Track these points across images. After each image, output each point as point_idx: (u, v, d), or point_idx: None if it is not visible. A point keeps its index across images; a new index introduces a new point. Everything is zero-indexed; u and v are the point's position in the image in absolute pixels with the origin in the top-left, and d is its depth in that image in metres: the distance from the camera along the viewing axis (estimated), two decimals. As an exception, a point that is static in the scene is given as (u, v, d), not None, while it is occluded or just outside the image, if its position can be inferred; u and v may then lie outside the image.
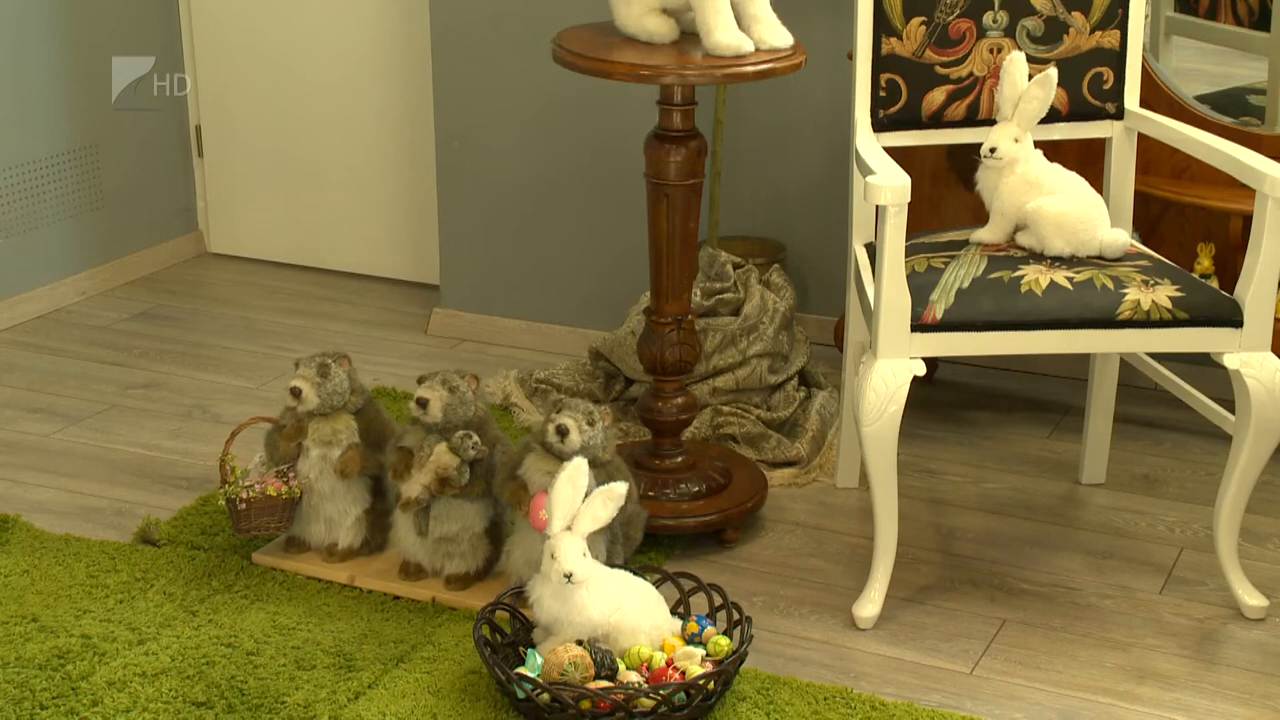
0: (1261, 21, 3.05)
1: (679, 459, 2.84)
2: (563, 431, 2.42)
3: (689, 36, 2.60)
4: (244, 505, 2.60)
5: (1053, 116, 2.66)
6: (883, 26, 2.69)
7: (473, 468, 2.53)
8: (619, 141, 3.42)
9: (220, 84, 4.12)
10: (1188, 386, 2.70)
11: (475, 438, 2.52)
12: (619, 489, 2.31)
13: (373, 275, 4.11)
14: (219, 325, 3.82)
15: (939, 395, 3.38)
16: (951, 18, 2.69)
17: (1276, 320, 2.82)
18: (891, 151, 2.59)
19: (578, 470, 2.29)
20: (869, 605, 2.53)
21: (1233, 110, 3.08)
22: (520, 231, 3.67)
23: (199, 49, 4.11)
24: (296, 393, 2.58)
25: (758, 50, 2.55)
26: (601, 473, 2.41)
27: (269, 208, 4.18)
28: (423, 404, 2.52)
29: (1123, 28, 2.70)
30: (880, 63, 2.70)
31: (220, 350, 3.67)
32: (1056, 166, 2.59)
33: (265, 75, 4.06)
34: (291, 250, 4.19)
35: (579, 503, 2.29)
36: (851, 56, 2.73)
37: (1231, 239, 2.94)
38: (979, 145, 2.60)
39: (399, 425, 2.68)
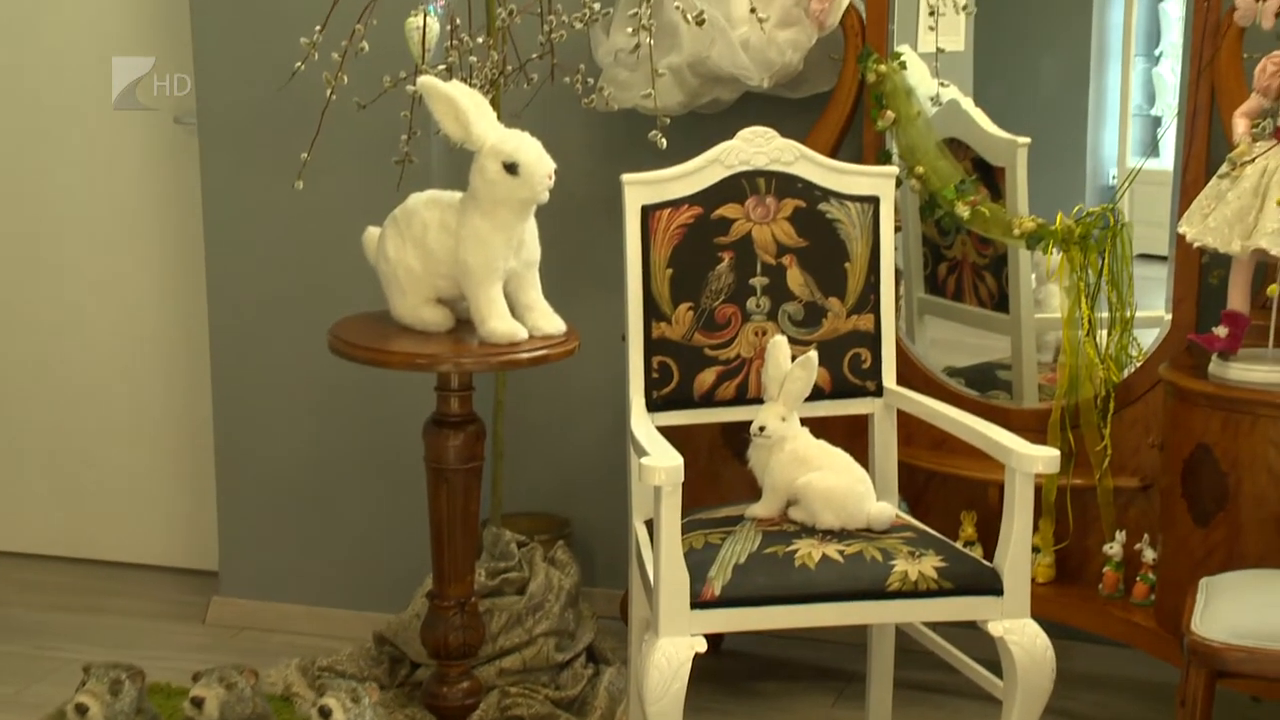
0: (1002, 304, 3.28)
1: (465, 746, 2.78)
2: (326, 713, 2.37)
3: (465, 323, 2.67)
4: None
5: (817, 394, 2.78)
6: (653, 312, 2.80)
7: (250, 765, 2.44)
8: (399, 424, 3.43)
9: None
10: (958, 653, 2.78)
11: (250, 734, 2.44)
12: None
13: (147, 564, 3.97)
14: (-23, 625, 3.63)
15: (726, 666, 3.39)
16: (717, 303, 2.83)
17: (1036, 584, 2.95)
18: (668, 429, 2.67)
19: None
20: None
21: (983, 384, 3.27)
22: (302, 515, 3.62)
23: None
24: (83, 710, 2.46)
25: (532, 337, 2.62)
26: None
27: (33, 499, 4.02)
28: (198, 703, 2.44)
29: (876, 312, 2.87)
30: (652, 346, 2.81)
31: (-22, 652, 3.48)
32: (822, 443, 2.70)
33: (27, 361, 3.97)
34: (59, 542, 4.02)
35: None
36: (625, 338, 2.83)
37: (991, 506, 3.08)
38: (750, 422, 2.70)
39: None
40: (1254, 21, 2.69)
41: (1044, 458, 2.48)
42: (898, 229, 3.06)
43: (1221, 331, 2.70)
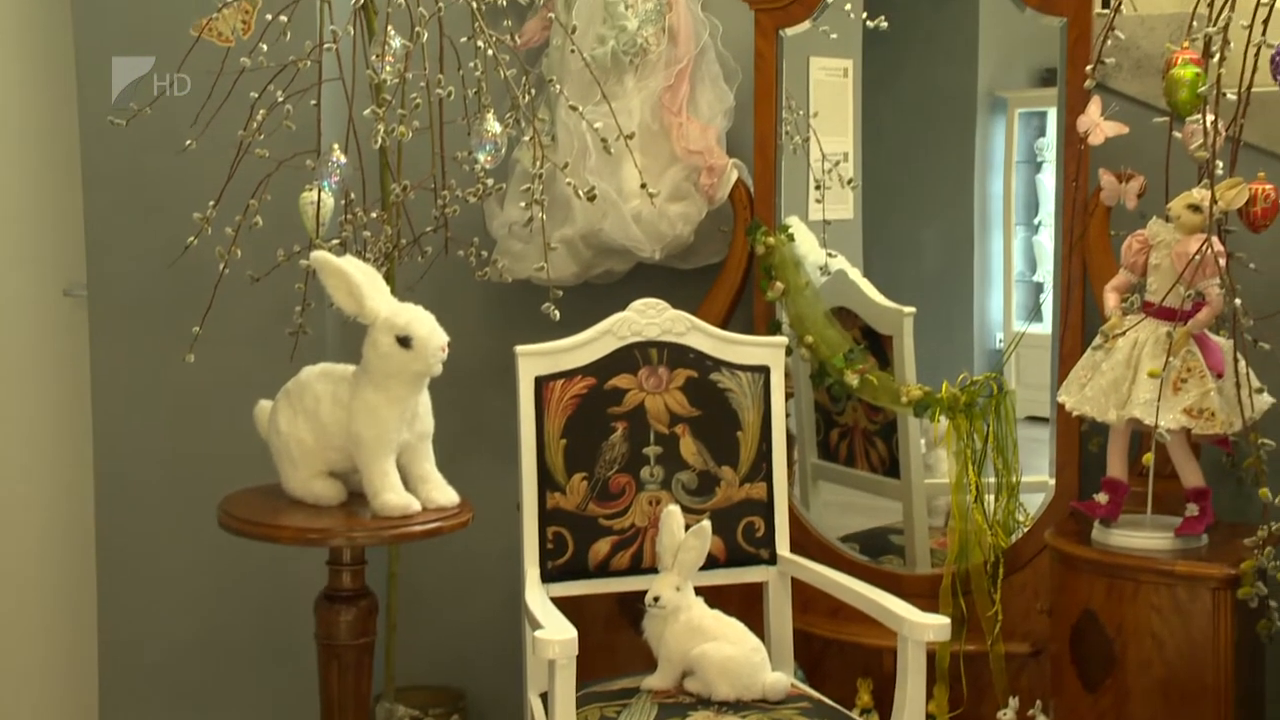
0: (893, 469, 3.33)
1: None
2: None
3: (357, 496, 2.65)
4: None
5: (712, 563, 2.79)
6: (547, 482, 2.81)
7: None
8: (290, 600, 3.36)
9: None
10: (857, 824, 2.75)
11: None
12: None
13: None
14: None
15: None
16: (611, 473, 2.84)
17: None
18: (563, 599, 2.65)
19: None
20: None
21: (876, 550, 3.29)
22: (187, 695, 3.51)
23: None
24: None
25: (425, 509, 2.62)
26: None
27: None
28: None
29: (768, 480, 2.90)
30: (546, 516, 2.81)
31: None
32: (717, 612, 2.70)
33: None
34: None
35: None
36: (519, 508, 2.82)
37: (887, 673, 3.06)
38: (645, 592, 2.69)
39: None
40: (1118, 201, 2.81)
41: (934, 626, 2.50)
42: (790, 395, 3.11)
43: (1102, 498, 2.76)
